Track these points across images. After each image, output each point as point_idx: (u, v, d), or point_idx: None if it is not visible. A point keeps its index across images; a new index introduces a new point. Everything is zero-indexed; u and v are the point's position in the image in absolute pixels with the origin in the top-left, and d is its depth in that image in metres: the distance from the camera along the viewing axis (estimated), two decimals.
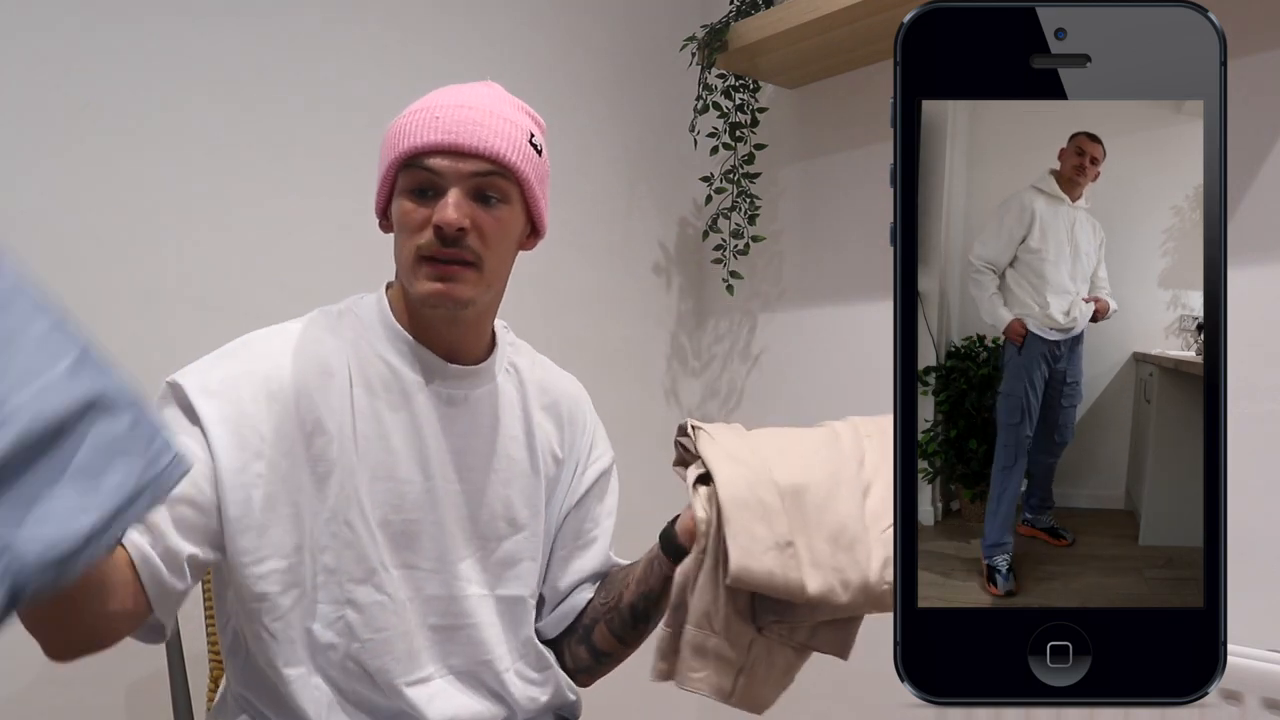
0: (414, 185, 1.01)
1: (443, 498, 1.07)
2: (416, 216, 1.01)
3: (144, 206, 1.50)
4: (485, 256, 1.02)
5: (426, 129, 1.00)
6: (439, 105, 1.01)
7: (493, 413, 1.12)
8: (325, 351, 1.04)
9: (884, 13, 1.59)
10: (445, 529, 1.07)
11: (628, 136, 2.06)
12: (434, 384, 1.08)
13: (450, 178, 1.00)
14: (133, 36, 1.49)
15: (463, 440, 1.09)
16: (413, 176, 1.01)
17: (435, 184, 1.01)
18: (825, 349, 1.91)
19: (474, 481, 1.09)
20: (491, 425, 1.11)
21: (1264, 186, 1.32)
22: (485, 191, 1.02)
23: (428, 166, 1.00)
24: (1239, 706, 1.19)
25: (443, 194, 1.00)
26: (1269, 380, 1.30)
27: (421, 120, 1.01)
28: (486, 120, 1.01)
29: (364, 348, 1.06)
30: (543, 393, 1.17)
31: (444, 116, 1.00)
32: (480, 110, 1.01)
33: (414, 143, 1.00)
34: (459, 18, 1.83)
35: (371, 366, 1.06)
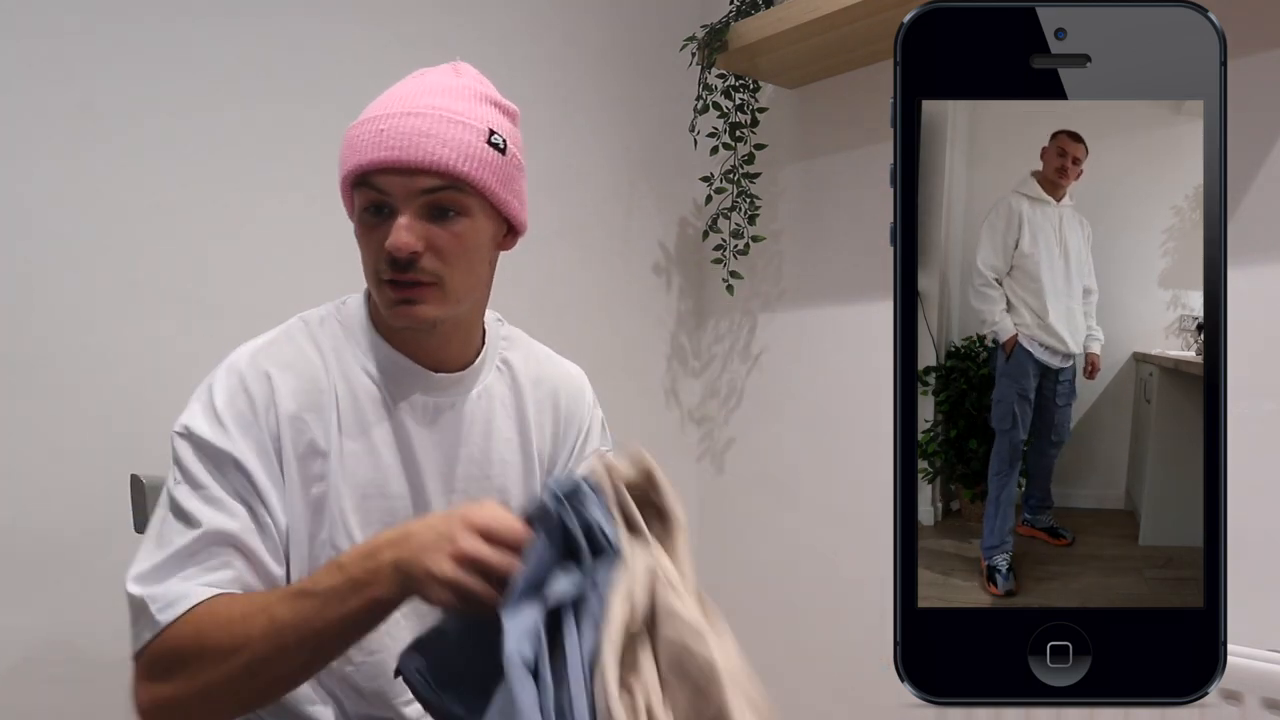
0: (366, 204, 0.96)
1: (436, 511, 1.02)
2: (372, 238, 0.96)
3: (144, 207, 1.50)
4: (446, 275, 0.96)
5: (371, 144, 0.94)
6: (386, 114, 0.95)
7: (484, 417, 1.07)
8: (310, 368, 1.00)
9: (884, 13, 1.59)
10: None
11: (628, 136, 2.06)
12: (419, 394, 1.03)
13: (400, 197, 0.94)
14: (133, 37, 1.49)
15: (453, 449, 1.05)
16: (364, 195, 0.96)
17: (385, 203, 0.95)
18: (825, 349, 1.91)
19: (468, 491, 1.05)
20: (483, 431, 1.07)
21: (1264, 186, 1.32)
22: (441, 206, 0.96)
23: (375, 185, 0.95)
24: (1239, 706, 1.19)
25: (396, 213, 0.95)
26: (1269, 380, 1.30)
27: (367, 134, 0.94)
28: (435, 128, 0.94)
29: (346, 359, 1.02)
30: (537, 386, 1.13)
31: (389, 129, 0.93)
32: (430, 117, 0.94)
33: (359, 160, 0.94)
34: (459, 18, 1.83)
35: (355, 379, 1.02)
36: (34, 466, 1.41)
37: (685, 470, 2.17)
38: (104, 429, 1.45)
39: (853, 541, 1.83)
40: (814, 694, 1.91)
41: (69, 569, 1.42)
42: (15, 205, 1.41)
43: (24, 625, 1.39)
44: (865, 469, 1.82)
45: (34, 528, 1.41)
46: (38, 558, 1.40)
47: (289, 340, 1.02)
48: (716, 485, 2.14)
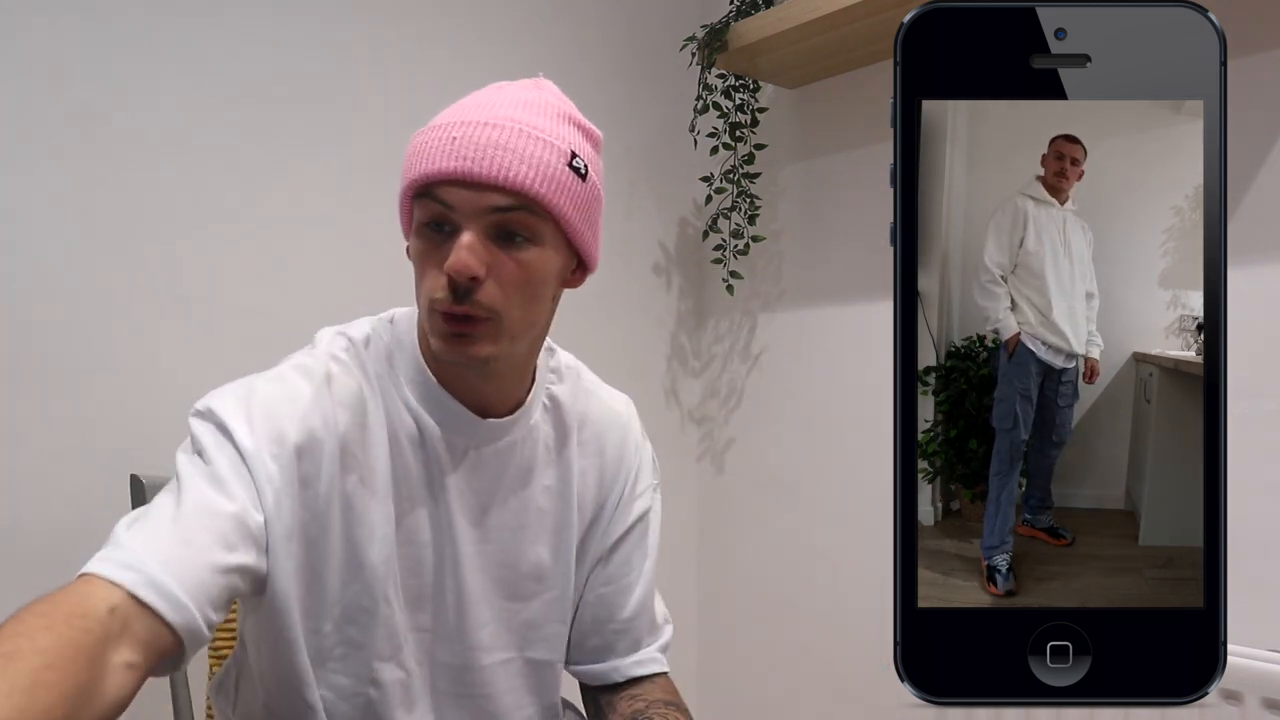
0: (428, 218, 0.86)
1: (465, 560, 0.96)
2: (430, 258, 0.86)
3: (144, 206, 1.50)
4: (504, 311, 0.86)
5: (441, 152, 0.84)
6: (461, 121, 0.85)
7: (524, 462, 0.99)
8: (361, 401, 0.91)
9: (884, 13, 1.59)
10: (465, 594, 0.97)
11: (628, 136, 2.06)
12: (459, 437, 0.95)
13: (465, 213, 0.84)
14: (133, 37, 1.49)
15: (488, 496, 0.97)
16: (426, 208, 0.86)
17: (448, 219, 0.85)
18: (825, 349, 1.91)
19: (499, 540, 0.98)
20: (521, 477, 0.99)
21: (1264, 186, 1.32)
22: (509, 229, 0.85)
23: (438, 198, 0.84)
24: (1239, 706, 1.19)
25: (459, 231, 0.84)
26: (1269, 380, 1.30)
27: (437, 140, 0.85)
28: (514, 142, 0.84)
29: (389, 390, 0.93)
30: (583, 427, 1.04)
31: (462, 137, 0.84)
32: (508, 129, 0.85)
33: (425, 169, 0.84)
34: (460, 18, 1.83)
35: (396, 415, 0.93)
36: (34, 466, 1.41)
37: (685, 470, 2.17)
38: (104, 429, 1.45)
39: (853, 541, 1.83)
40: (814, 694, 1.91)
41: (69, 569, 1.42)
42: (15, 205, 1.41)
43: None
44: (865, 469, 1.82)
45: (34, 528, 1.41)
46: (38, 558, 1.40)
47: (340, 364, 0.93)
48: (716, 485, 2.14)
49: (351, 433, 0.89)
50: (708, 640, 2.14)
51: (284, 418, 0.85)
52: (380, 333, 0.96)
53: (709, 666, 2.13)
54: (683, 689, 1.09)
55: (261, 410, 0.85)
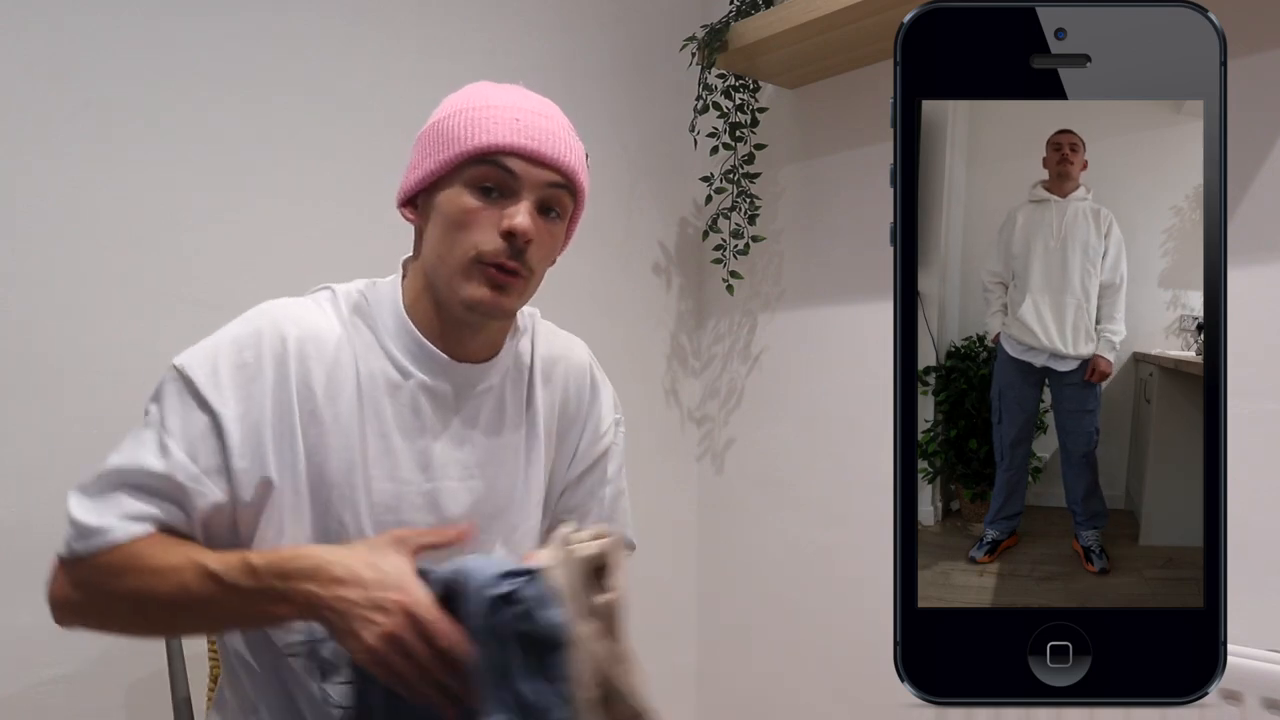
0: (482, 180, 0.97)
1: (445, 498, 1.04)
2: (482, 216, 0.97)
3: (145, 206, 1.50)
4: (536, 269, 1.01)
5: (509, 129, 0.97)
6: (518, 108, 0.99)
7: (498, 404, 1.08)
8: (332, 339, 1.01)
9: (884, 13, 1.59)
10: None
11: (628, 136, 2.06)
12: (438, 382, 1.04)
13: (526, 183, 0.97)
14: (134, 36, 1.49)
15: (466, 436, 1.06)
16: (484, 172, 0.97)
17: (508, 185, 0.97)
18: (825, 349, 1.91)
19: (478, 478, 1.06)
20: (496, 418, 1.08)
21: (1264, 186, 1.32)
22: (549, 204, 1.00)
23: (506, 166, 0.97)
24: (1239, 706, 1.19)
25: (511, 197, 0.97)
26: (1269, 380, 1.30)
27: (502, 118, 0.97)
28: (562, 134, 1.00)
29: (368, 338, 1.03)
30: (548, 366, 1.14)
31: (525, 121, 0.98)
32: (555, 122, 1.00)
33: (495, 140, 0.96)
34: (460, 18, 1.83)
35: (376, 362, 1.02)
36: (34, 466, 1.41)
37: (685, 470, 2.17)
38: (104, 429, 1.45)
39: (853, 541, 1.83)
40: (814, 694, 1.91)
41: None
42: (15, 205, 1.41)
43: (24, 625, 1.39)
44: (865, 469, 1.82)
45: (34, 528, 1.41)
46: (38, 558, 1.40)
47: (316, 307, 1.03)
48: (716, 485, 2.14)
49: (313, 365, 0.99)
50: (708, 640, 2.14)
51: (247, 348, 0.97)
52: (364, 289, 1.07)
53: (709, 666, 2.13)
54: (683, 689, 1.09)
55: (227, 358, 0.97)
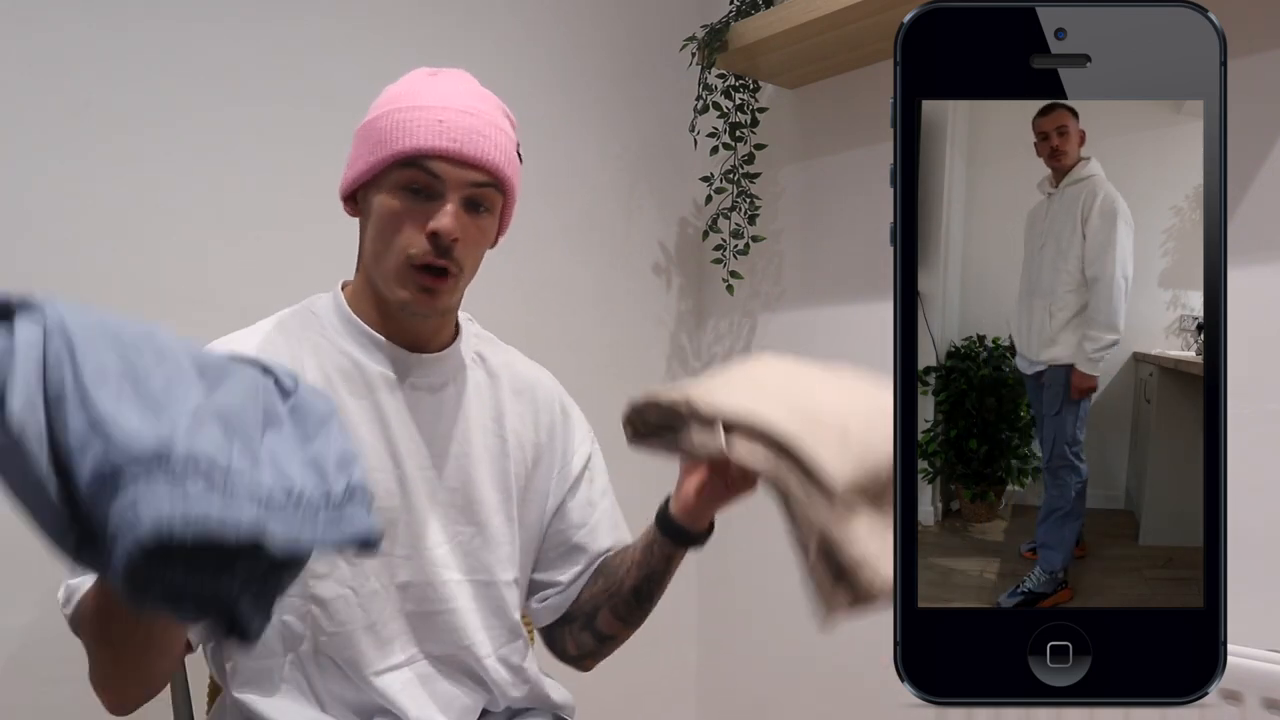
0: (408, 183, 1.01)
1: (414, 485, 1.07)
2: (408, 217, 1.01)
3: (144, 206, 1.50)
4: (466, 266, 1.04)
5: (432, 132, 0.99)
6: (442, 107, 1.01)
7: (460, 400, 1.12)
8: (274, 350, 1.04)
9: (884, 13, 1.59)
10: (417, 515, 1.07)
11: (628, 136, 2.06)
12: (398, 373, 1.08)
13: (450, 184, 1.00)
14: (134, 36, 1.49)
15: (431, 427, 1.09)
16: (408, 175, 1.00)
17: (432, 187, 1.01)
18: (825, 349, 1.91)
19: (444, 468, 1.09)
20: (460, 412, 1.12)
21: (1264, 186, 1.32)
22: (476, 201, 1.03)
23: (429, 169, 1.00)
24: (1239, 706, 1.19)
25: (437, 198, 1.01)
26: (1269, 380, 1.30)
27: (425, 121, 1.00)
28: (487, 131, 1.02)
29: (321, 343, 1.07)
30: (515, 379, 1.18)
31: (449, 121, 1.00)
32: (481, 119, 1.02)
33: (418, 144, 0.99)
34: (460, 18, 1.82)
35: (330, 360, 1.06)
36: None
37: None
38: None
39: None
40: (814, 694, 1.91)
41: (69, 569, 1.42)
42: (15, 205, 1.41)
43: (24, 625, 1.39)
44: None
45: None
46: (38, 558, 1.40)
47: (254, 332, 1.08)
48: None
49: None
50: (708, 640, 2.13)
51: None
52: (305, 306, 1.12)
53: (709, 666, 2.13)
54: (683, 689, 1.10)
55: None
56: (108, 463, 0.59)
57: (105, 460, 0.59)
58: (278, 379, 0.75)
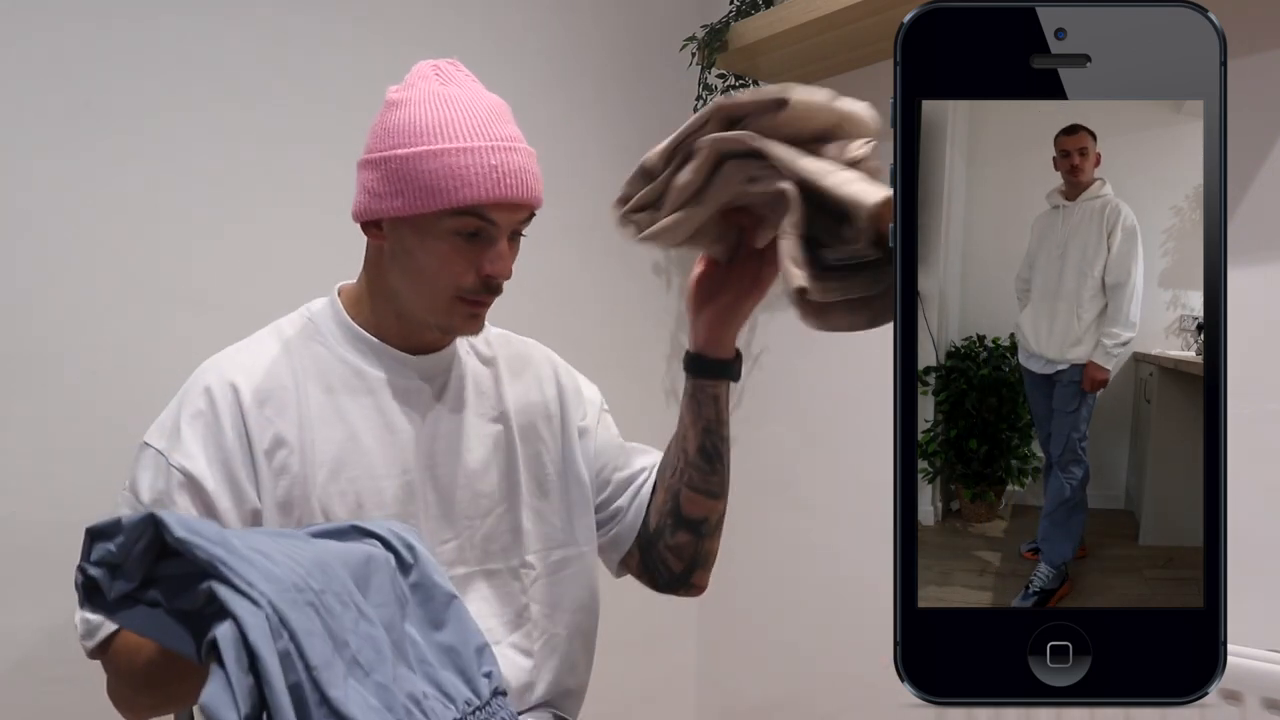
0: (463, 229, 1.01)
1: (420, 488, 1.07)
2: (463, 256, 1.02)
3: (145, 206, 1.50)
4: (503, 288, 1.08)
5: (489, 180, 0.99)
6: (488, 148, 1.00)
7: (460, 395, 1.13)
8: (272, 363, 1.05)
9: (884, 13, 1.59)
10: (424, 518, 1.08)
11: (628, 136, 2.06)
12: (399, 375, 1.09)
13: (504, 228, 1.02)
14: (134, 36, 1.49)
15: (433, 427, 1.10)
16: (462, 222, 1.00)
17: (488, 233, 1.02)
18: (825, 349, 1.91)
19: (449, 465, 1.10)
20: (461, 407, 1.12)
21: (1264, 186, 1.32)
22: (519, 231, 1.06)
23: (487, 218, 1.00)
24: (1239, 706, 1.19)
25: (491, 242, 1.02)
26: (1269, 380, 1.30)
27: (479, 168, 0.99)
28: (529, 165, 1.03)
29: (322, 352, 1.08)
30: (510, 359, 1.19)
31: (500, 165, 0.99)
32: (521, 151, 1.02)
33: (479, 197, 0.99)
34: (460, 18, 1.82)
35: (332, 369, 1.07)
36: (34, 466, 1.41)
37: None
38: (104, 429, 1.45)
39: (853, 541, 1.83)
40: (814, 694, 1.91)
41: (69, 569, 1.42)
42: (15, 205, 1.41)
43: (24, 625, 1.39)
44: (865, 469, 1.82)
45: (34, 527, 1.41)
46: (38, 558, 1.40)
47: (253, 343, 1.08)
48: None
49: (264, 394, 1.02)
50: (708, 640, 2.13)
51: (198, 399, 1.02)
52: (301, 313, 1.12)
53: (709, 666, 2.13)
54: (683, 689, 1.09)
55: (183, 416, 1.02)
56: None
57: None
58: (398, 554, 0.80)
